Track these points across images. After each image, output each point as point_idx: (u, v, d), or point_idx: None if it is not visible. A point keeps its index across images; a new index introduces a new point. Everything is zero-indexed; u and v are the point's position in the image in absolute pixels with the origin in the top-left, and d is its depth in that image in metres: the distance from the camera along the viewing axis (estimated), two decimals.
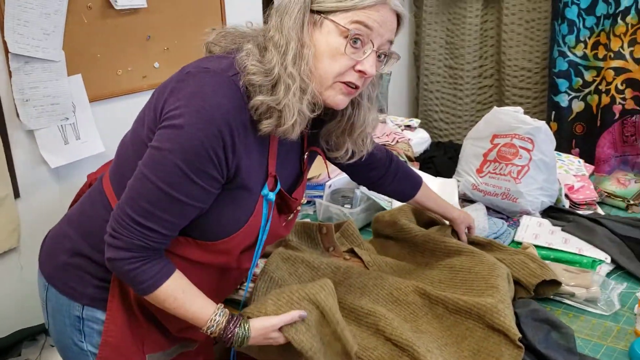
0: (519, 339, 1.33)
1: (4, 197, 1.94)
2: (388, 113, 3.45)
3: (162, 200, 1.15)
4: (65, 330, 1.36)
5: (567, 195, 2.11)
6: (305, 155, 1.43)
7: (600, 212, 2.07)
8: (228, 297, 1.56)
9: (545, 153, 2.00)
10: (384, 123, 2.74)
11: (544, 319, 1.44)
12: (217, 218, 1.24)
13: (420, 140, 2.66)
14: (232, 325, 1.24)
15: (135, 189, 1.17)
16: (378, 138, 2.51)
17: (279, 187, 1.32)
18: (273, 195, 1.30)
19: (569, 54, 3.04)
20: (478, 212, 1.98)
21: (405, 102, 3.93)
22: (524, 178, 1.98)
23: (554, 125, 3.13)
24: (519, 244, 1.82)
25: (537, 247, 1.78)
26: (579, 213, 2.01)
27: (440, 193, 2.07)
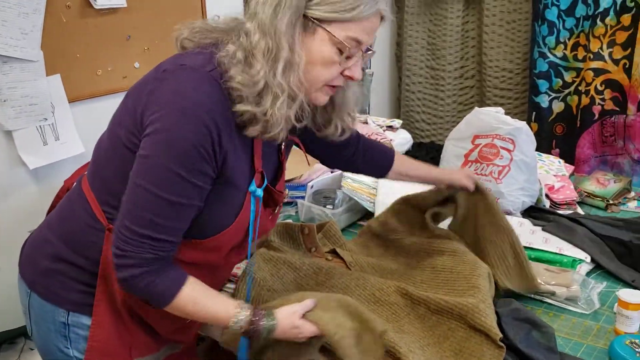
0: (500, 339, 1.34)
1: None
2: (370, 114, 3.46)
3: (163, 208, 1.13)
4: (50, 337, 1.33)
5: (547, 195, 2.13)
6: (283, 145, 1.41)
7: (580, 211, 2.09)
8: None
9: (526, 153, 2.02)
10: (366, 124, 2.74)
11: (525, 318, 1.45)
12: (207, 216, 1.23)
13: (402, 141, 2.67)
14: (257, 318, 1.21)
15: (134, 202, 1.14)
16: None
17: (266, 182, 1.32)
18: (261, 192, 1.29)
19: (549, 55, 3.07)
20: None
21: (387, 102, 3.93)
22: (505, 178, 1.99)
23: (535, 126, 3.15)
24: None
25: None
26: (560, 213, 2.02)
27: None
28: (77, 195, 1.32)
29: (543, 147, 2.99)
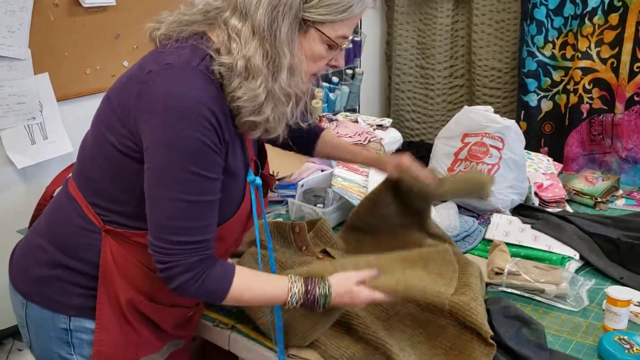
0: (491, 337, 1.35)
1: None
2: (360, 112, 3.46)
3: (194, 211, 1.15)
4: (51, 346, 1.31)
5: (536, 194, 2.14)
6: None
7: (569, 209, 2.10)
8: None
9: (515, 152, 2.02)
10: (356, 122, 2.74)
11: (515, 316, 1.46)
12: None
13: (392, 140, 2.67)
14: (311, 287, 1.24)
15: (163, 215, 1.15)
16: (350, 137, 2.51)
17: (260, 170, 1.35)
18: (260, 180, 1.31)
19: (538, 54, 3.08)
20: (449, 210, 2.00)
21: (377, 101, 3.94)
22: (495, 176, 2.00)
23: (524, 125, 3.16)
24: (490, 242, 1.84)
25: (507, 244, 1.80)
26: (548, 211, 2.03)
27: None
28: (66, 199, 1.30)
29: (532, 145, 3.00)
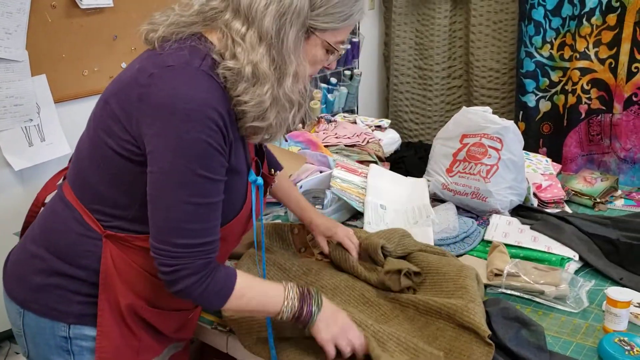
0: (489, 337, 1.34)
1: None
2: (358, 113, 3.46)
3: (200, 213, 1.15)
4: (50, 354, 1.30)
5: (535, 194, 2.14)
6: None
7: (568, 210, 2.10)
8: None
9: (514, 152, 2.02)
10: (355, 123, 2.74)
11: (514, 317, 1.45)
12: None
13: (391, 141, 2.67)
14: (306, 300, 1.28)
15: (169, 218, 1.14)
16: (349, 138, 2.51)
17: (261, 169, 1.35)
18: (261, 180, 1.32)
19: (536, 55, 3.08)
20: (448, 211, 1.99)
21: (376, 102, 3.94)
22: (493, 177, 2.00)
23: (522, 125, 3.16)
24: (489, 243, 1.83)
25: (506, 245, 1.79)
26: (547, 211, 2.03)
27: (411, 193, 2.08)
28: (62, 206, 1.28)
29: (530, 146, 3.01)
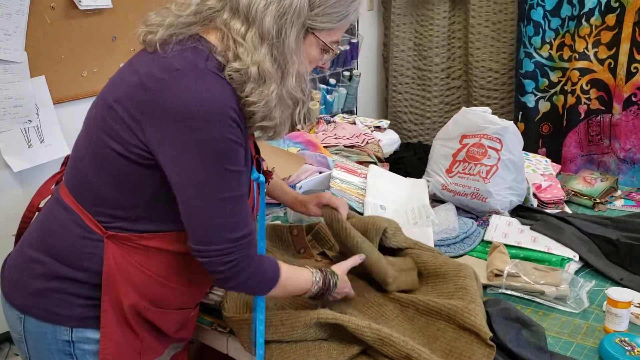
0: (490, 338, 1.34)
1: None
2: (357, 114, 3.46)
3: (240, 204, 1.21)
4: (52, 359, 1.30)
5: (535, 195, 2.13)
6: None
7: (568, 210, 2.10)
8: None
9: (514, 153, 2.02)
10: (354, 124, 2.74)
11: (515, 318, 1.45)
12: None
13: (390, 141, 2.67)
14: (326, 276, 1.40)
15: (213, 218, 1.18)
16: (348, 139, 2.51)
17: (262, 167, 1.38)
18: (263, 177, 1.34)
19: (535, 55, 3.08)
20: (448, 212, 1.99)
21: (375, 103, 3.94)
22: (493, 178, 2.00)
23: (521, 126, 3.16)
24: (489, 244, 1.83)
25: (506, 246, 1.79)
26: (547, 212, 2.03)
27: (411, 193, 2.08)
28: (61, 210, 1.28)
29: (529, 146, 3.00)
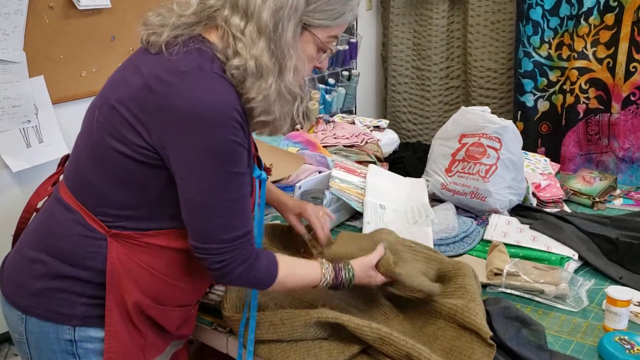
0: (490, 337, 1.34)
1: None
2: (356, 114, 3.46)
3: (241, 205, 1.22)
4: (55, 359, 1.29)
5: (534, 194, 2.14)
6: None
7: (567, 209, 2.10)
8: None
9: (513, 152, 2.02)
10: (353, 124, 2.74)
11: (515, 317, 1.45)
12: None
13: (389, 141, 2.67)
14: (339, 274, 1.39)
15: (215, 218, 1.19)
16: (347, 139, 2.51)
17: (262, 165, 1.40)
18: (265, 175, 1.36)
19: (534, 55, 3.08)
20: (447, 211, 1.99)
21: (374, 103, 3.94)
22: (492, 177, 1.99)
23: (520, 125, 3.17)
24: (488, 243, 1.83)
25: (506, 245, 1.79)
26: (547, 211, 2.03)
27: (410, 193, 2.08)
28: (61, 209, 1.28)
29: (528, 145, 3.01)
